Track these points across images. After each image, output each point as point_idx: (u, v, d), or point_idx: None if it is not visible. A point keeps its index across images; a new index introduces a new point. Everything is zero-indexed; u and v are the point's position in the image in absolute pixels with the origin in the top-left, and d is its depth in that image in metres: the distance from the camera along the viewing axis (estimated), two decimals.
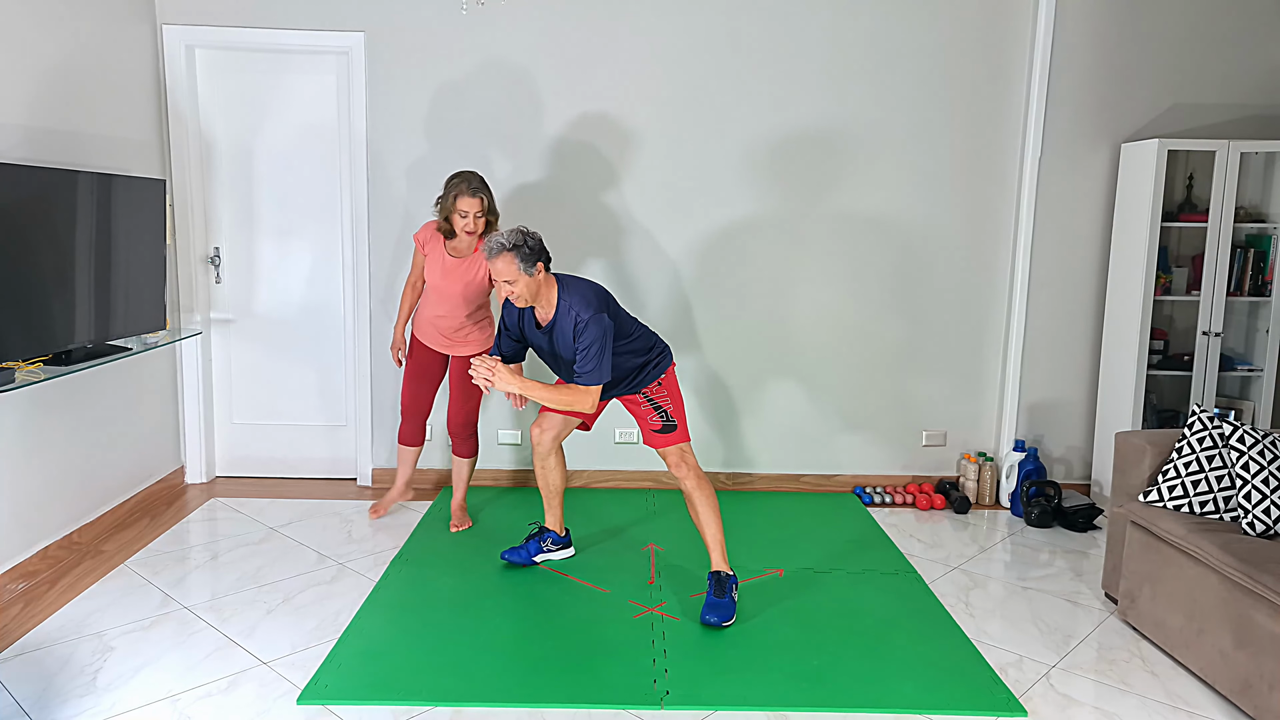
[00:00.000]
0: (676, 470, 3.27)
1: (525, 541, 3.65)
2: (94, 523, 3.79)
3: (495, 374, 3.05)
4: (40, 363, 3.24)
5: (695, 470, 3.26)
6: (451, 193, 3.60)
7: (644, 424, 3.31)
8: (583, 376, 3.05)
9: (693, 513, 3.29)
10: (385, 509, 4.11)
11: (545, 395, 3.07)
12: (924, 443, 4.63)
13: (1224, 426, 3.08)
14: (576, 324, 3.06)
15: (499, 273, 3.02)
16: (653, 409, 3.27)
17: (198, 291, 4.44)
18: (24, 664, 2.82)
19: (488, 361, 3.07)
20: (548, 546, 3.64)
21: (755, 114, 4.35)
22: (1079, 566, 3.78)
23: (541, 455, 3.54)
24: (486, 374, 3.05)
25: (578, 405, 3.08)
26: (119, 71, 3.92)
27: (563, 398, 3.07)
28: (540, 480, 3.60)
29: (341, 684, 2.73)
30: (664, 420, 3.27)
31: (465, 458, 4.03)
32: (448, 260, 3.70)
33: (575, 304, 3.08)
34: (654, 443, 3.29)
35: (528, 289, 3.05)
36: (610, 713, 2.63)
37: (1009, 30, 4.33)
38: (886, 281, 4.49)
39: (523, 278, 3.02)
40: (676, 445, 3.27)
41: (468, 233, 3.63)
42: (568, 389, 3.09)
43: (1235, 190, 4.10)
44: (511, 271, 3.01)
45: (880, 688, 2.77)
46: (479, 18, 4.26)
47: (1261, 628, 2.58)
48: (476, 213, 3.59)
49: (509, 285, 3.03)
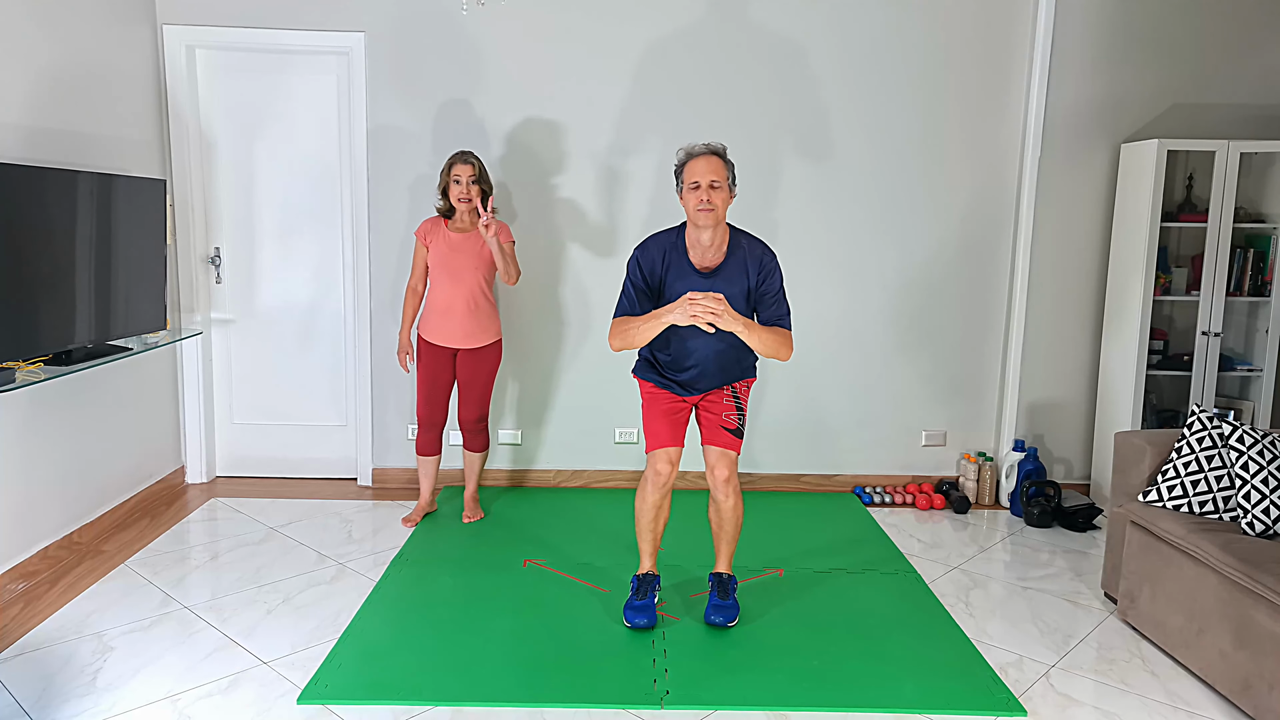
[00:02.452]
0: (727, 484, 3.04)
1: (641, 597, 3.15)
2: (94, 523, 3.79)
3: (723, 307, 2.71)
4: (40, 363, 3.24)
5: (737, 486, 3.09)
6: (446, 164, 3.84)
7: (717, 420, 3.06)
8: (784, 319, 2.88)
9: (716, 522, 3.16)
10: (416, 519, 4.06)
11: (763, 336, 2.81)
12: (924, 443, 4.63)
13: (1223, 426, 3.08)
14: (764, 263, 2.88)
15: (710, 170, 2.81)
16: (735, 406, 3.08)
17: (198, 291, 4.44)
18: (24, 664, 2.82)
19: (713, 295, 2.73)
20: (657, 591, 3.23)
21: (755, 113, 4.35)
22: (1079, 566, 3.78)
23: (665, 491, 3.11)
24: (713, 307, 2.70)
25: (783, 352, 2.85)
26: (119, 71, 3.92)
27: (775, 340, 2.83)
28: (654, 520, 3.15)
29: (341, 684, 2.73)
30: (740, 420, 3.08)
31: (477, 452, 4.08)
32: (453, 238, 3.84)
33: (758, 244, 2.93)
34: (720, 441, 3.04)
35: (725, 203, 2.86)
36: (610, 713, 2.64)
37: (1009, 30, 4.33)
38: (886, 281, 4.49)
39: (726, 186, 2.86)
40: (733, 453, 3.06)
41: (463, 200, 3.78)
42: (779, 332, 2.85)
43: (1235, 190, 4.10)
44: (721, 174, 2.83)
45: (880, 688, 2.77)
46: (479, 18, 4.26)
47: (1261, 628, 2.59)
48: (470, 177, 3.77)
49: (714, 189, 2.82)
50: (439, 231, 3.86)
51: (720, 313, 2.70)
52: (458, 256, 3.82)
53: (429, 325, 3.91)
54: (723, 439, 3.06)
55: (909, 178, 4.41)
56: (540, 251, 4.39)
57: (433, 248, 3.86)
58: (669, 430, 3.09)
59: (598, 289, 4.44)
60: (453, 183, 3.78)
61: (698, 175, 2.85)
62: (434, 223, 3.89)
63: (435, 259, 3.85)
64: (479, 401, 3.98)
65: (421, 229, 3.90)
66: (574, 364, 4.51)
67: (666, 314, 2.80)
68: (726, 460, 3.05)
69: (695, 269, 2.94)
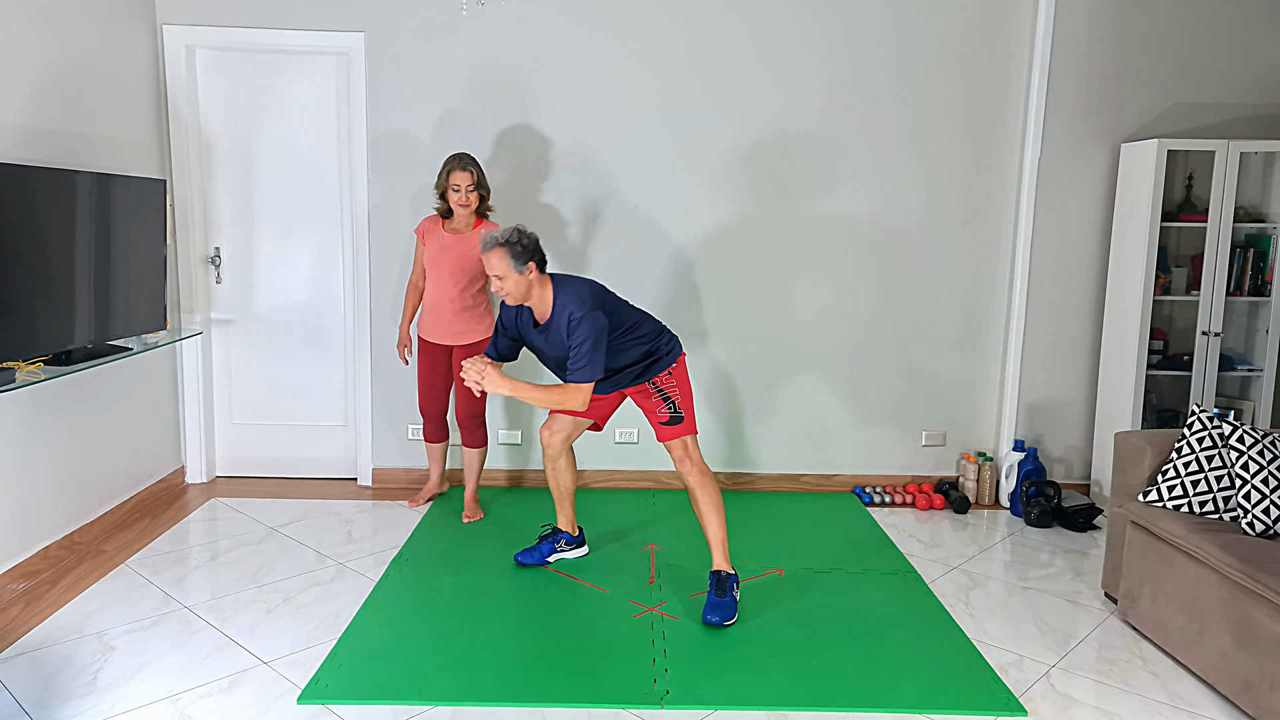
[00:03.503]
0: (680, 465, 3.27)
1: (538, 543, 3.66)
2: (94, 523, 3.79)
3: (485, 376, 3.07)
4: (40, 363, 3.24)
5: (699, 465, 3.26)
6: (445, 169, 3.84)
7: (652, 416, 3.32)
8: (574, 374, 3.07)
9: (696, 510, 3.29)
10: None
11: (535, 395, 3.08)
12: (924, 443, 4.63)
13: (1223, 426, 3.08)
14: (570, 321, 3.07)
15: (491, 267, 3.06)
16: (661, 400, 3.28)
17: (198, 291, 4.44)
18: (24, 664, 2.82)
19: (478, 364, 3.10)
20: (561, 546, 3.65)
21: (755, 113, 4.35)
22: (1079, 566, 3.78)
23: (552, 457, 3.54)
24: (477, 376, 3.07)
25: (569, 404, 3.08)
26: (119, 71, 3.92)
27: (553, 397, 3.08)
28: (551, 482, 3.61)
29: (342, 684, 2.73)
30: (671, 411, 3.27)
31: (475, 448, 4.11)
32: (445, 238, 3.89)
33: (569, 303, 3.10)
34: (661, 435, 3.30)
35: (517, 287, 3.08)
36: (610, 712, 2.64)
37: (1009, 30, 4.33)
38: (886, 281, 4.49)
39: (512, 274, 3.05)
40: (681, 438, 3.27)
41: (462, 206, 3.82)
42: (558, 389, 3.09)
43: (1235, 190, 4.10)
44: (503, 267, 3.04)
45: (880, 688, 2.77)
46: (479, 18, 4.26)
47: (1262, 628, 2.58)
48: (468, 186, 3.81)
49: (499, 280, 3.07)
50: (435, 230, 3.91)
51: (480, 381, 3.05)
52: (447, 257, 3.87)
53: (424, 322, 4.00)
54: (663, 432, 3.30)
55: (908, 177, 4.41)
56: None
57: (428, 246, 3.91)
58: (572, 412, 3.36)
59: None
60: (451, 190, 3.81)
61: (488, 269, 3.09)
62: (432, 221, 3.94)
63: (428, 258, 3.92)
64: (472, 397, 4.01)
65: (421, 227, 3.96)
66: None
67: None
68: (675, 446, 3.28)
69: (535, 322, 3.21)
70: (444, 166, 3.84)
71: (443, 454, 4.27)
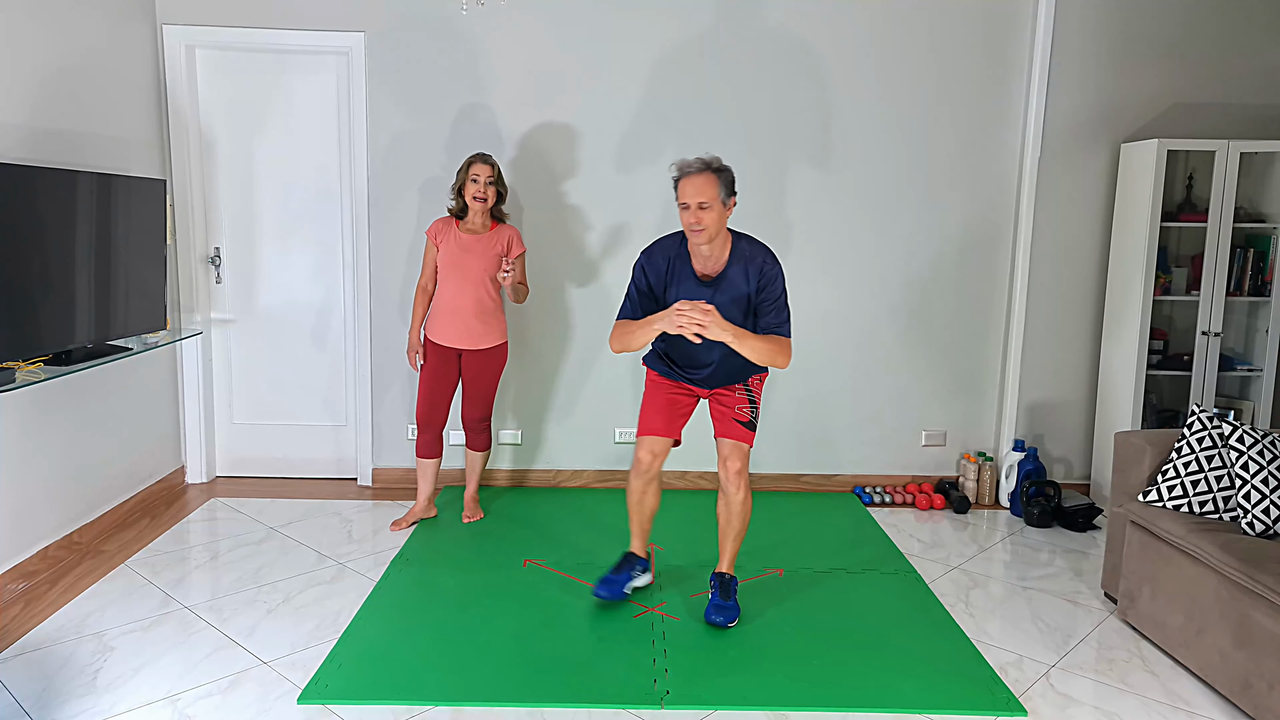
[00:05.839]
0: (738, 476, 3.08)
1: (615, 572, 3.30)
2: (94, 523, 3.79)
3: (710, 318, 2.73)
4: (40, 363, 3.24)
5: (747, 478, 3.13)
6: (465, 164, 3.81)
7: (729, 414, 3.10)
8: (782, 327, 2.88)
9: (726, 517, 3.17)
10: (406, 523, 4.00)
11: (755, 345, 2.79)
12: (924, 443, 4.63)
13: (1223, 426, 3.08)
14: (764, 270, 2.86)
15: (697, 191, 2.78)
16: (747, 399, 3.12)
17: (198, 291, 4.44)
18: (24, 664, 2.82)
19: (701, 305, 2.75)
20: (637, 574, 3.35)
21: (755, 115, 4.35)
22: (1079, 566, 3.78)
23: (648, 479, 3.22)
24: (700, 316, 2.73)
25: (780, 359, 2.85)
26: (119, 71, 3.92)
27: (770, 348, 2.82)
28: (639, 505, 3.28)
29: (342, 684, 2.73)
30: (752, 413, 3.12)
31: (479, 451, 4.08)
32: (464, 238, 3.83)
33: (757, 252, 2.91)
34: (733, 433, 3.09)
35: (718, 220, 2.83)
36: (610, 713, 2.64)
37: (1009, 30, 4.33)
38: (886, 281, 4.49)
39: (717, 205, 2.81)
40: (746, 443, 3.11)
41: (478, 199, 3.77)
42: (774, 340, 2.84)
43: (1235, 190, 4.10)
44: (711, 193, 2.79)
45: (880, 688, 2.77)
46: (479, 17, 4.26)
47: (1261, 627, 2.59)
48: (487, 178, 3.77)
49: (702, 210, 2.80)
50: (450, 232, 3.84)
51: (706, 324, 2.73)
52: (468, 257, 3.81)
53: (436, 326, 3.89)
54: (735, 431, 3.09)
55: (909, 178, 4.41)
56: (541, 253, 4.39)
57: (443, 248, 3.83)
58: (663, 421, 3.17)
59: (599, 291, 4.44)
60: (470, 181, 3.76)
61: (687, 196, 2.84)
62: (445, 223, 3.87)
63: (445, 259, 3.83)
64: (483, 401, 3.98)
65: (433, 229, 3.87)
66: (574, 364, 4.51)
67: (658, 321, 2.85)
68: (739, 452, 3.09)
69: (696, 276, 2.97)
70: (464, 162, 3.81)
71: (434, 472, 4.02)
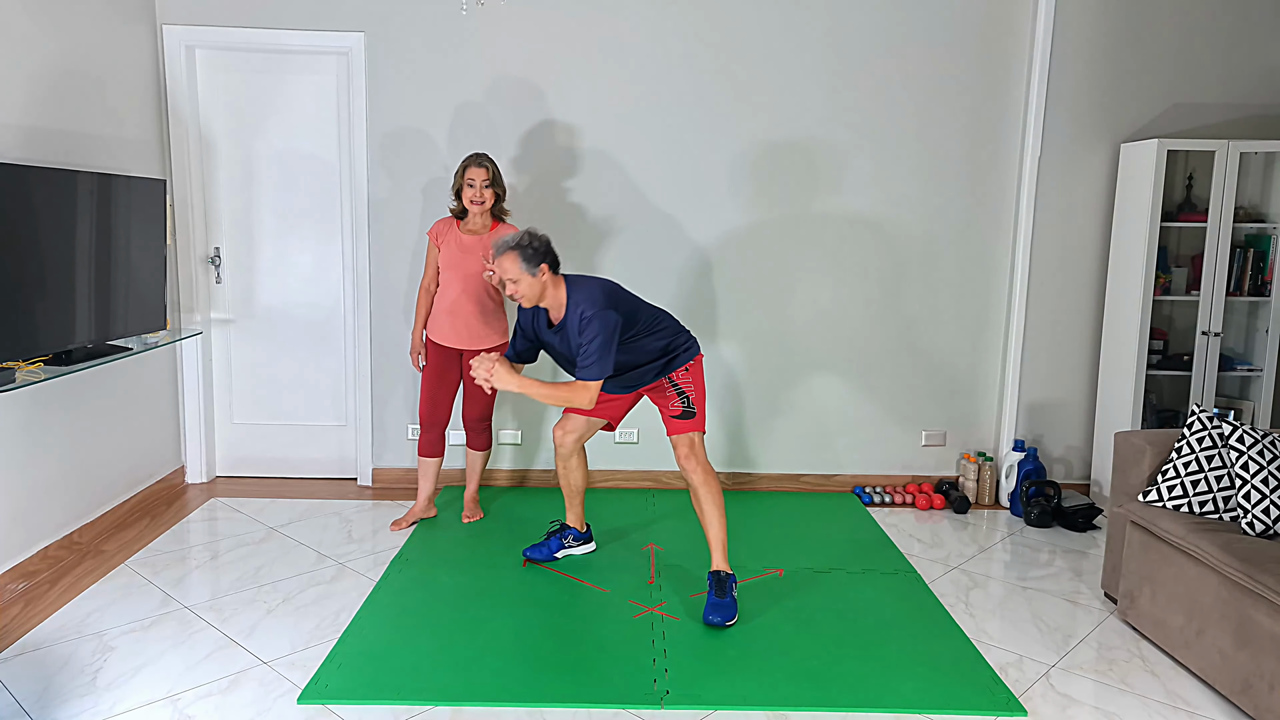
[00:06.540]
0: (685, 462, 3.28)
1: (546, 538, 3.69)
2: (94, 523, 3.79)
3: (494, 372, 3.10)
4: (40, 363, 3.24)
5: (704, 464, 3.28)
6: (461, 166, 3.81)
7: (665, 410, 3.34)
8: (582, 371, 3.09)
9: (698, 509, 3.30)
10: (406, 523, 4.01)
11: (542, 392, 3.10)
12: (924, 443, 4.63)
13: (1223, 426, 3.08)
14: (581, 319, 3.11)
15: (503, 271, 3.11)
16: (676, 394, 3.31)
17: (198, 291, 4.44)
18: (24, 664, 2.82)
19: (487, 360, 3.13)
20: (569, 542, 3.69)
21: (755, 114, 4.35)
22: (1079, 566, 3.78)
23: (564, 456, 3.58)
24: (485, 373, 3.11)
25: (576, 401, 3.11)
26: (119, 71, 3.92)
27: (560, 394, 3.10)
28: (562, 480, 3.65)
29: (342, 684, 2.73)
30: (685, 405, 3.30)
31: (479, 450, 4.08)
32: (464, 239, 3.84)
33: (581, 301, 3.14)
34: (671, 429, 3.32)
35: (530, 289, 3.11)
36: (610, 713, 2.64)
37: (1009, 30, 4.33)
38: (887, 281, 4.49)
39: (525, 277, 3.09)
40: (689, 433, 3.29)
41: (476, 203, 3.77)
42: (565, 386, 3.12)
43: (1235, 190, 4.10)
44: (515, 270, 3.08)
45: (880, 688, 2.77)
46: (479, 17, 4.26)
47: (1261, 627, 2.59)
48: (483, 181, 3.77)
49: (513, 284, 3.12)
50: (451, 233, 3.85)
51: (489, 378, 3.10)
52: (469, 258, 3.82)
53: (437, 326, 3.90)
54: (673, 425, 3.33)
55: (908, 177, 4.41)
56: None
57: (444, 248, 3.85)
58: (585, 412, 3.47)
59: None
60: (466, 185, 3.77)
61: (500, 273, 3.13)
62: (446, 224, 3.88)
63: (446, 260, 3.84)
64: (483, 400, 3.99)
65: (434, 229, 3.88)
66: None
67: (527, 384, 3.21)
68: (683, 440, 3.30)
69: (550, 323, 3.26)
70: (461, 164, 3.82)
71: (436, 471, 4.03)
